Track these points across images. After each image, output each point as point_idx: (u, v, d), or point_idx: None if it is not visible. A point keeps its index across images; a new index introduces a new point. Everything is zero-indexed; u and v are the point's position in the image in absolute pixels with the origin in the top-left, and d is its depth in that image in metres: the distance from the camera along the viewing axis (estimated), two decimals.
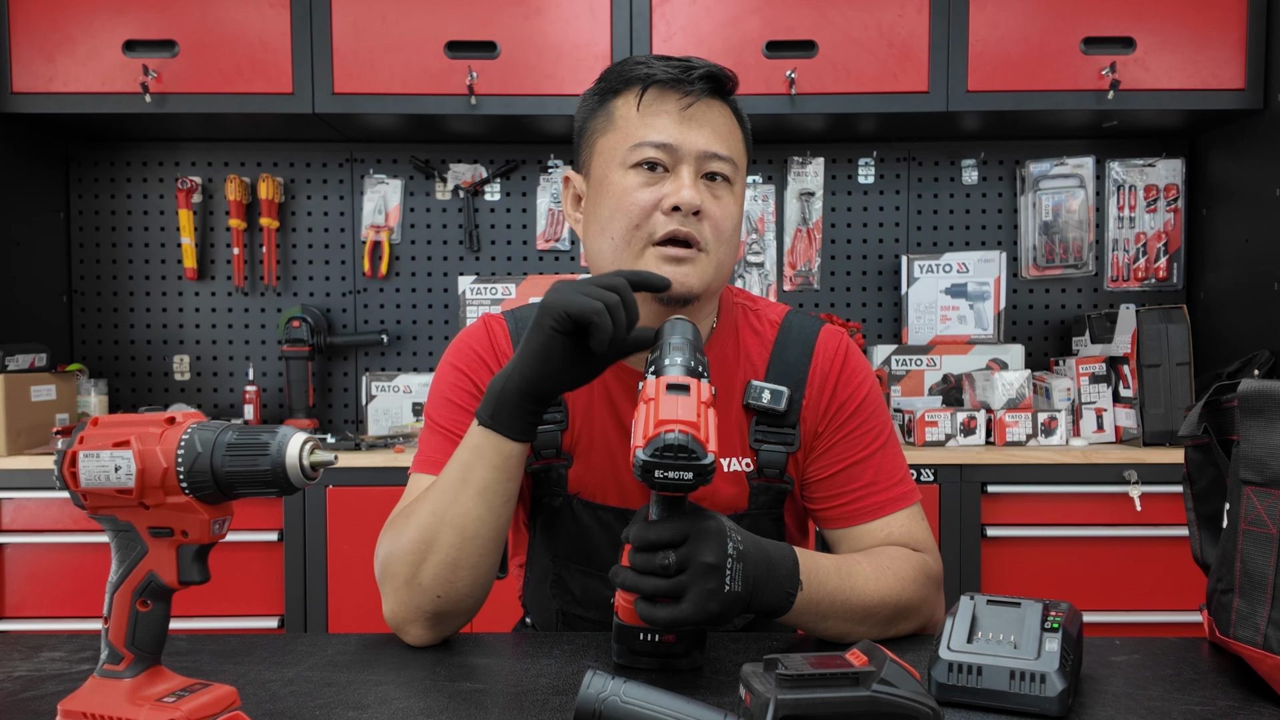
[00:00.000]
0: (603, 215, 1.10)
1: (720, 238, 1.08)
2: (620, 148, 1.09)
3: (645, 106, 1.08)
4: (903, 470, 1.15)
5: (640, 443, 0.80)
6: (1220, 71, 2.38)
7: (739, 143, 1.12)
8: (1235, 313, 2.52)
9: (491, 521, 0.97)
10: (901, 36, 2.38)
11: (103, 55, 2.38)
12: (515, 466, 0.97)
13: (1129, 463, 2.22)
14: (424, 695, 0.86)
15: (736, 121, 1.13)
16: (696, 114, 1.08)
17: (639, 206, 1.06)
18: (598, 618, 1.17)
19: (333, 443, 2.41)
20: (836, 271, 2.83)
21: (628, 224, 1.07)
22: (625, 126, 1.09)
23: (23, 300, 2.56)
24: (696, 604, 0.84)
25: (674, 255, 1.06)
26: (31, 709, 0.82)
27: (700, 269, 1.07)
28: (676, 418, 0.80)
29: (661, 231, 1.06)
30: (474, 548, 0.97)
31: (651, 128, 1.07)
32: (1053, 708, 0.79)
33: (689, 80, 1.07)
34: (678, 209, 1.05)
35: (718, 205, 1.08)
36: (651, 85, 1.08)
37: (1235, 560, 0.88)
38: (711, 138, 1.08)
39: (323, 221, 2.80)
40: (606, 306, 0.89)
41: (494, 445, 0.95)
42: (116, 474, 0.68)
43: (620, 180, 1.08)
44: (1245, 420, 0.88)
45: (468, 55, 2.38)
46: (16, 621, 2.25)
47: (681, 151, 1.06)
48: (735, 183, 1.11)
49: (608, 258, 1.10)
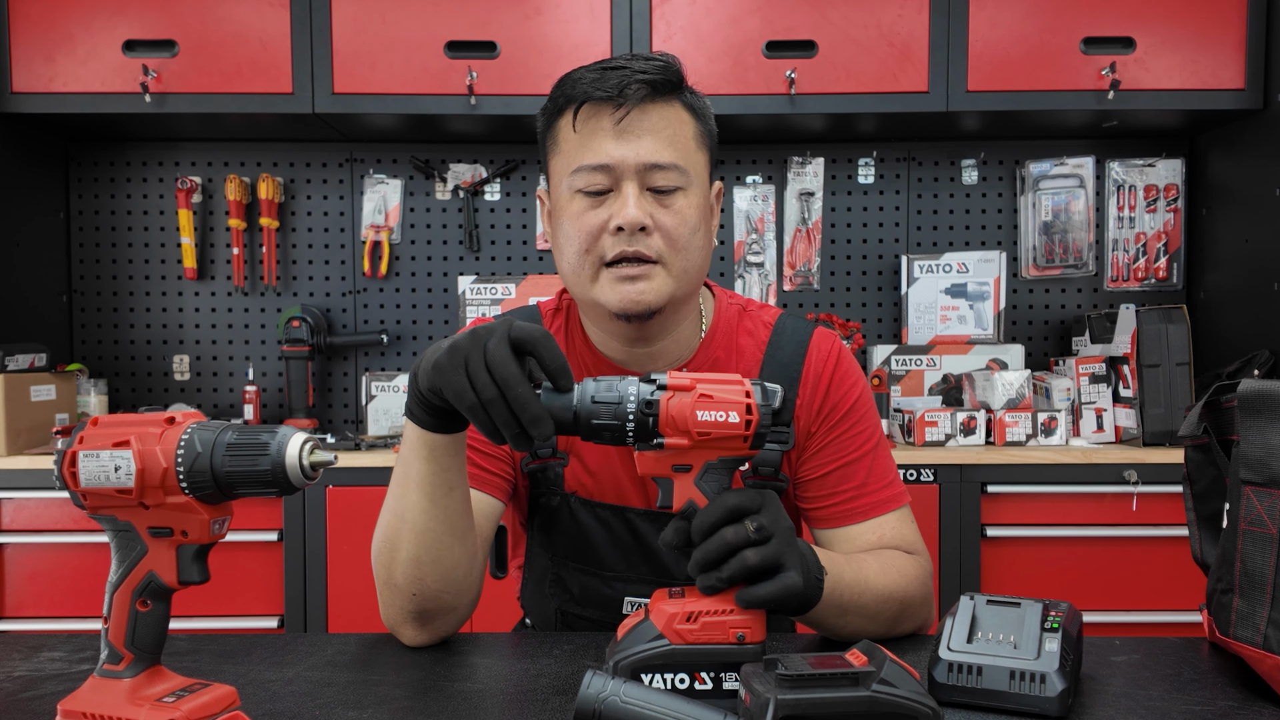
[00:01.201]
0: (560, 239, 1.09)
1: (676, 246, 1.06)
2: (565, 171, 1.07)
3: (581, 125, 1.06)
4: (893, 473, 1.15)
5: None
6: (1220, 71, 2.38)
7: (688, 140, 1.08)
8: (1235, 313, 2.52)
9: (438, 515, 0.95)
10: (901, 36, 2.38)
11: (102, 55, 2.38)
12: (446, 457, 0.94)
13: (1129, 463, 2.22)
14: (423, 695, 0.86)
15: (690, 115, 1.09)
16: (632, 125, 1.04)
17: (587, 230, 1.05)
18: (596, 616, 1.17)
19: (332, 443, 2.41)
20: (836, 271, 2.83)
21: (579, 248, 1.06)
22: (567, 149, 1.07)
23: (23, 300, 2.56)
24: (798, 568, 0.84)
25: (628, 275, 1.04)
26: (31, 709, 0.82)
27: (657, 283, 1.05)
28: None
29: (611, 253, 1.04)
30: (429, 541, 0.96)
31: (588, 149, 1.05)
32: (1053, 708, 0.79)
33: (620, 91, 1.03)
34: (623, 229, 1.03)
35: (668, 214, 1.05)
36: (585, 103, 1.05)
37: (1235, 560, 0.88)
38: (652, 147, 1.04)
39: (323, 221, 2.80)
40: (480, 400, 0.80)
41: (420, 437, 0.93)
42: (116, 474, 0.68)
43: (568, 205, 1.07)
44: (1245, 420, 0.88)
45: (468, 55, 2.38)
46: (16, 621, 2.25)
47: (620, 169, 1.04)
48: (689, 186, 1.07)
49: (570, 279, 1.10)
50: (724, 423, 0.81)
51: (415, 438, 0.94)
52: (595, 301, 1.08)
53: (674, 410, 0.82)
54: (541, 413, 0.80)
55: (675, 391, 0.82)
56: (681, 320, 1.15)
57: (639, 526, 1.13)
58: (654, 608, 0.84)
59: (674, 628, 0.82)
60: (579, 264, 1.07)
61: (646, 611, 0.85)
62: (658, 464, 0.84)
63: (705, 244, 1.11)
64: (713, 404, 0.82)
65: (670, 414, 0.82)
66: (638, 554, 1.14)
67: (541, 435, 0.80)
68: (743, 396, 0.82)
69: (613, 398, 0.83)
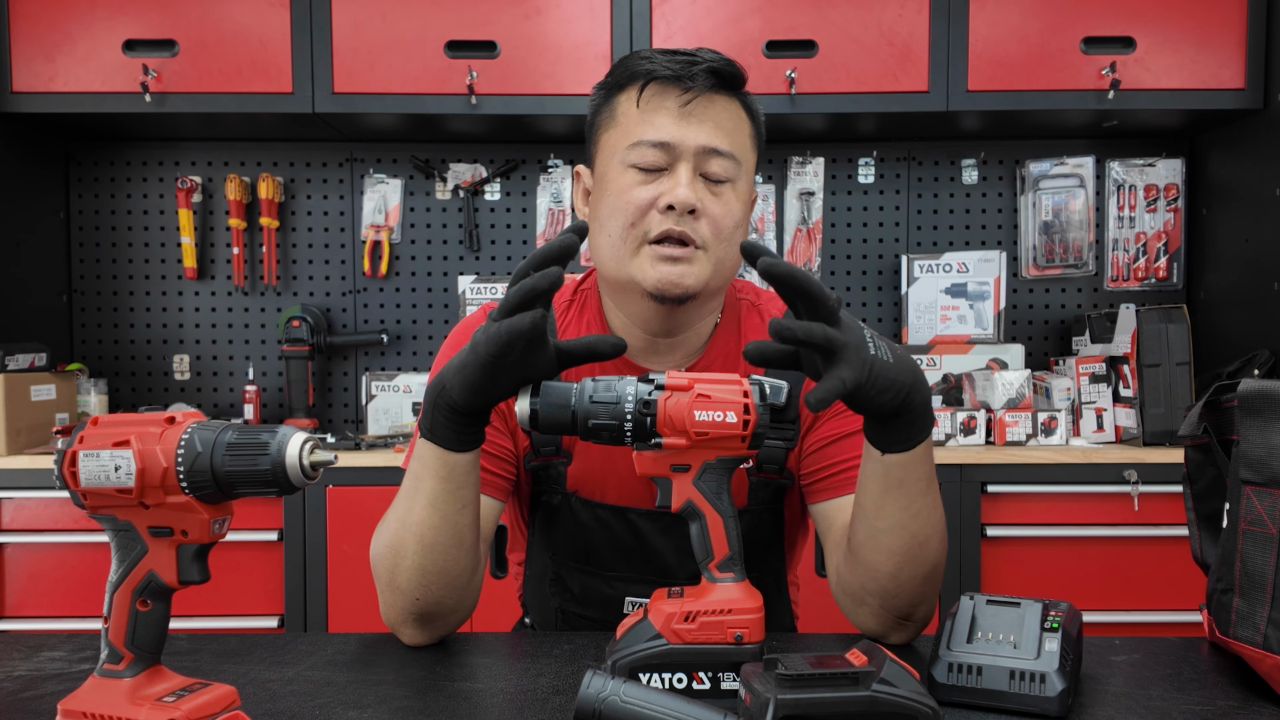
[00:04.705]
0: (603, 212, 1.09)
1: (720, 235, 1.07)
2: (620, 145, 1.08)
3: (645, 103, 1.07)
4: None
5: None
6: (1220, 71, 2.38)
7: (745, 138, 1.10)
8: (1235, 313, 2.51)
9: (447, 530, 0.95)
10: (901, 36, 2.38)
11: (103, 55, 2.38)
12: (463, 476, 0.94)
13: (1129, 463, 2.22)
14: (424, 695, 0.86)
15: (746, 116, 1.11)
16: (697, 110, 1.06)
17: (635, 205, 1.06)
18: (597, 616, 1.17)
19: (333, 442, 2.41)
20: (836, 271, 2.83)
21: (624, 222, 1.06)
22: (626, 123, 1.08)
23: (23, 300, 2.56)
24: (854, 361, 0.82)
25: (669, 255, 1.05)
26: (31, 709, 0.82)
27: (697, 268, 1.06)
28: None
29: (656, 230, 1.05)
30: (436, 554, 0.96)
31: (650, 125, 1.06)
32: (1053, 708, 0.79)
33: (690, 75, 1.05)
34: (673, 208, 1.04)
35: (717, 203, 1.07)
36: (652, 81, 1.07)
37: (1235, 560, 0.88)
38: (712, 133, 1.06)
39: (323, 221, 2.80)
40: (529, 291, 0.84)
41: (437, 457, 0.93)
42: (116, 474, 0.68)
43: (619, 178, 1.07)
44: (1245, 420, 0.88)
45: (468, 55, 2.38)
46: (16, 621, 2.25)
47: (679, 149, 1.05)
48: (738, 179, 1.09)
49: (606, 254, 1.09)
50: (721, 423, 0.82)
51: (432, 456, 0.93)
52: (631, 279, 1.07)
53: (672, 410, 0.82)
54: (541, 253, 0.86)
55: (673, 391, 0.82)
56: (706, 315, 1.15)
57: (640, 526, 1.13)
58: (652, 607, 0.84)
59: (672, 627, 0.82)
60: (622, 236, 1.07)
61: (645, 611, 0.85)
62: (656, 464, 0.84)
63: (743, 238, 1.12)
64: (710, 404, 0.82)
65: (668, 414, 0.82)
66: (639, 554, 1.14)
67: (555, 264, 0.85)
68: (740, 396, 0.82)
69: (610, 398, 0.83)
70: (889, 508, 0.94)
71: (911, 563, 0.96)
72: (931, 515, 0.95)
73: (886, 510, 0.94)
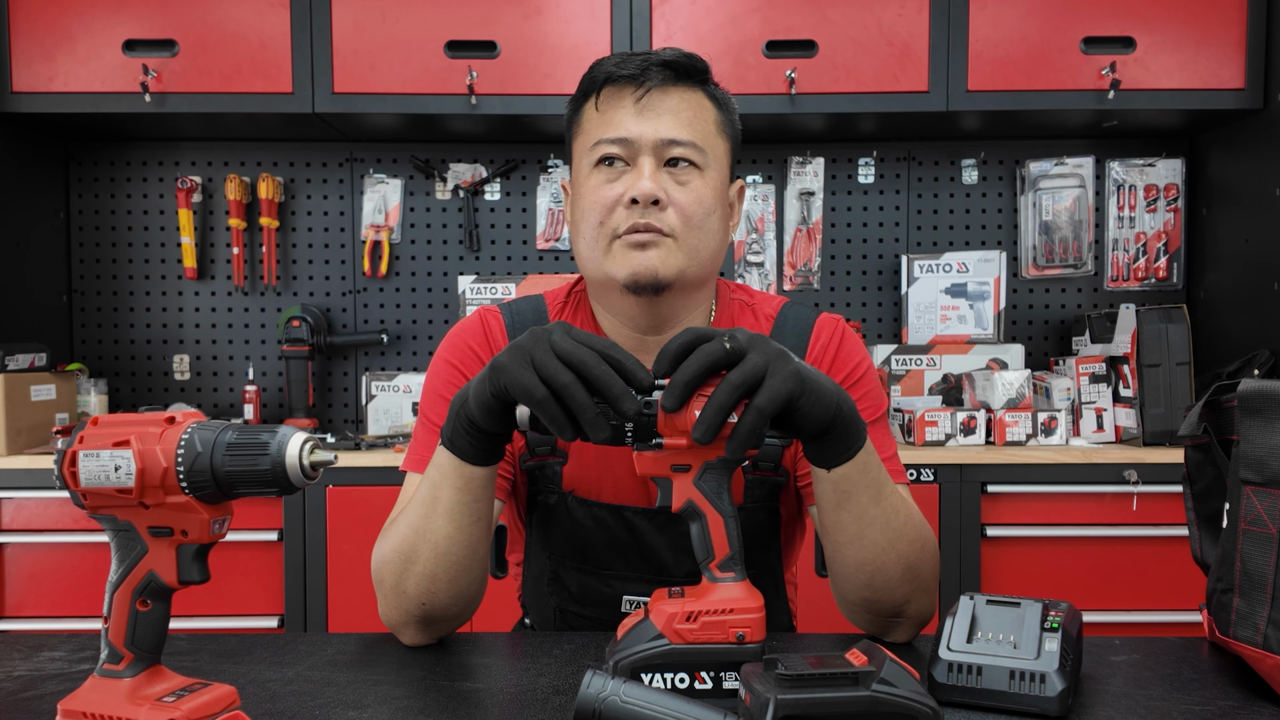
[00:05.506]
0: (577, 216, 1.12)
1: (690, 223, 1.07)
2: (585, 149, 1.10)
3: (603, 104, 1.09)
4: (895, 450, 1.14)
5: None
6: (1220, 71, 2.38)
7: (709, 125, 1.10)
8: (1235, 313, 2.52)
9: (462, 540, 0.96)
10: (901, 36, 2.38)
11: (102, 55, 2.38)
12: (481, 488, 0.94)
13: (1129, 463, 2.22)
14: (424, 695, 0.86)
15: (711, 104, 1.11)
16: (652, 103, 1.07)
17: (602, 203, 1.07)
18: (595, 615, 1.17)
19: (333, 442, 2.41)
20: (836, 271, 2.83)
21: (594, 221, 1.08)
22: (589, 128, 1.11)
23: (23, 300, 2.56)
24: (781, 376, 0.78)
25: (638, 241, 1.06)
26: (31, 709, 0.82)
27: (666, 254, 1.06)
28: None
29: (624, 225, 1.06)
30: (449, 563, 0.96)
31: (609, 124, 1.08)
32: (1053, 708, 0.79)
33: (643, 72, 1.07)
34: (637, 201, 1.05)
35: (684, 191, 1.07)
36: (608, 84, 1.09)
37: (1235, 560, 0.88)
38: (671, 124, 1.07)
39: (323, 221, 2.80)
40: (553, 391, 0.79)
41: (456, 468, 0.92)
42: (116, 474, 0.68)
43: (587, 180, 1.10)
44: (1245, 420, 0.88)
45: (468, 55, 2.38)
46: (16, 621, 2.26)
47: (638, 143, 1.07)
48: (706, 168, 1.09)
49: (585, 256, 1.11)
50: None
51: (451, 468, 0.93)
52: (608, 275, 1.08)
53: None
54: (624, 390, 0.79)
55: None
56: (693, 308, 1.15)
57: (636, 525, 1.13)
58: (654, 607, 0.84)
59: (674, 627, 0.82)
60: (594, 237, 1.08)
61: (646, 611, 0.85)
62: (657, 464, 0.84)
63: (720, 230, 1.12)
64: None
65: (668, 414, 0.82)
66: (635, 553, 1.14)
67: (628, 411, 0.79)
68: None
69: None
70: (844, 521, 0.95)
71: (881, 570, 0.97)
72: (892, 521, 0.96)
73: (843, 524, 0.95)
